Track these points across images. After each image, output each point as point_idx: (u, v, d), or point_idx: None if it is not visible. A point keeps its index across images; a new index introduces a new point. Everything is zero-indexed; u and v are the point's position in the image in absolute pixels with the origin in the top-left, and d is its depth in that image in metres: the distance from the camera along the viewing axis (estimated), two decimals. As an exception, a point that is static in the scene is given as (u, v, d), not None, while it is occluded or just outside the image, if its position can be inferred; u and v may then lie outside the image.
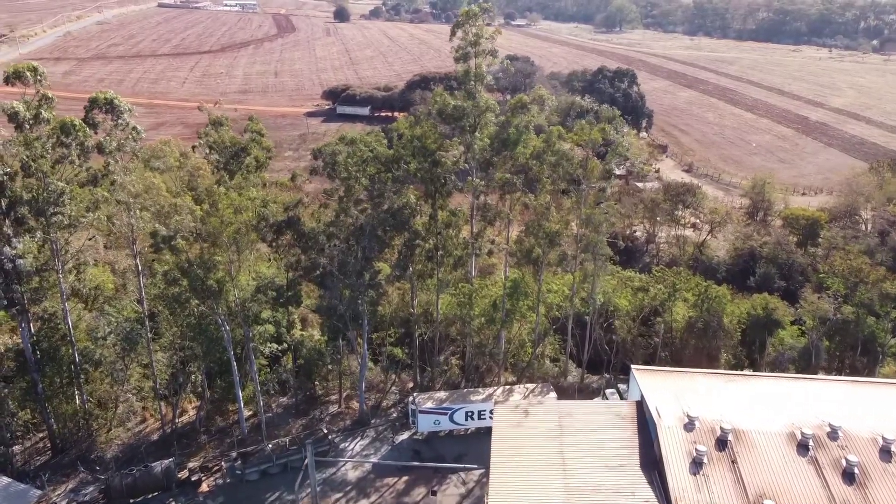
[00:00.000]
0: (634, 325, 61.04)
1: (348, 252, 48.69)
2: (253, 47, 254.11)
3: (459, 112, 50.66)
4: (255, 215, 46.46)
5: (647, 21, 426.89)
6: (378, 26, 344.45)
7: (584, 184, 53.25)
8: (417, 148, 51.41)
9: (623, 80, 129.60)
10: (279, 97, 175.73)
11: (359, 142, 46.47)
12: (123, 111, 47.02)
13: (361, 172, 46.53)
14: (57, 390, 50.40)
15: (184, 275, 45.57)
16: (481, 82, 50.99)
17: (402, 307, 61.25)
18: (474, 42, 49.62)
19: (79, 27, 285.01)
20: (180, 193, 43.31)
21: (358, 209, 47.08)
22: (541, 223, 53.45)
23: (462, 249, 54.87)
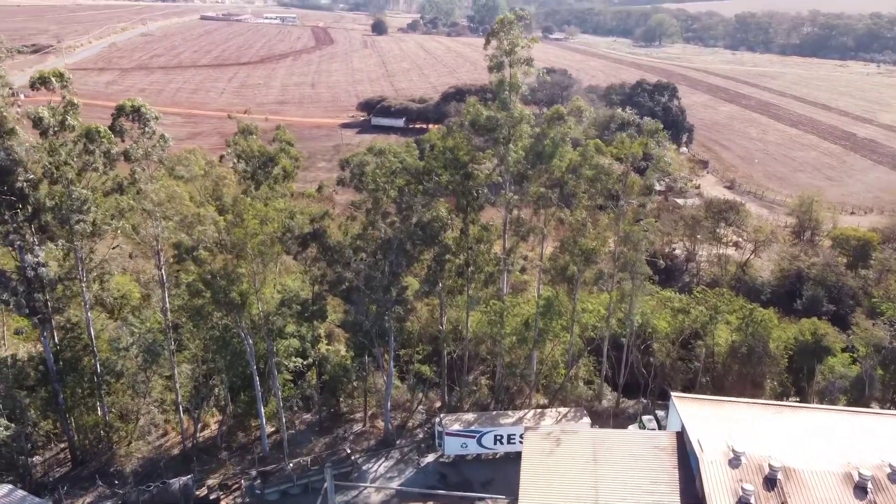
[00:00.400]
0: (674, 348, 58.18)
1: (375, 266, 47.05)
2: (291, 59, 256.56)
3: (493, 123, 48.83)
4: (280, 226, 45.16)
5: (688, 35, 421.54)
6: (415, 39, 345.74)
7: (622, 199, 50.91)
8: (449, 160, 49.72)
9: (663, 93, 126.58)
10: (315, 108, 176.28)
11: (387, 152, 44.90)
12: (150, 119, 46.18)
13: (390, 184, 44.92)
14: (78, 401, 49.54)
15: (207, 286, 44.38)
16: (516, 92, 49.12)
17: (431, 323, 59.42)
18: (509, 51, 47.82)
19: (123, 38, 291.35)
20: (204, 203, 42.15)
21: (386, 222, 45.45)
22: (576, 240, 51.23)
23: (494, 265, 52.93)
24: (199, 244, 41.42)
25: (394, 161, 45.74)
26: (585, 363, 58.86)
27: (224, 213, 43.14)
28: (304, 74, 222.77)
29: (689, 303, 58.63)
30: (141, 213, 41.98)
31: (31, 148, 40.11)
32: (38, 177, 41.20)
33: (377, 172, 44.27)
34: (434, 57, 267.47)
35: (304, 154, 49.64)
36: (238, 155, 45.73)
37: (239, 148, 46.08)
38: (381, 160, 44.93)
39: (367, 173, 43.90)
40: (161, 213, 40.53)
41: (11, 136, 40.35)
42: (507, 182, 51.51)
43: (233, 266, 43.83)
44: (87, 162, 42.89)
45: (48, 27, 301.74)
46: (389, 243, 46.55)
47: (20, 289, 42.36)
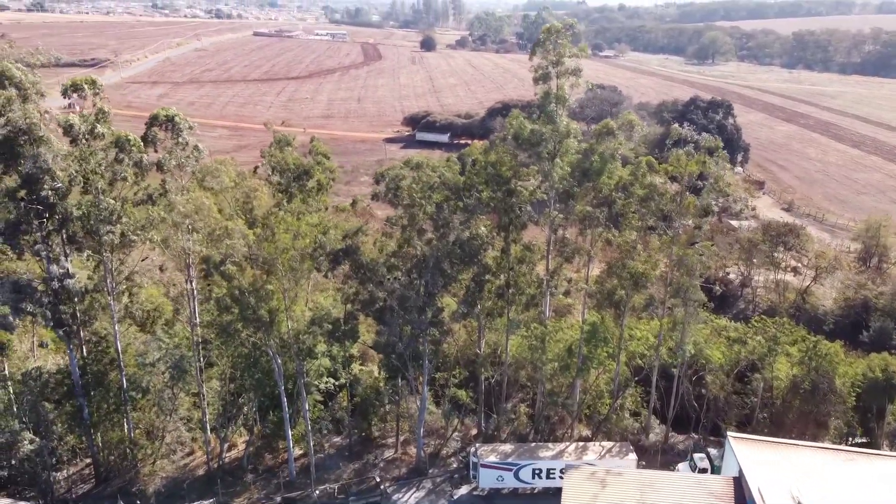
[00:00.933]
0: (728, 380, 54.13)
1: (410, 286, 44.66)
2: (339, 74, 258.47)
3: (537, 137, 46.12)
4: (312, 242, 43.18)
5: (742, 53, 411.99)
6: (463, 56, 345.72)
7: (676, 221, 47.49)
8: (491, 175, 47.17)
9: (717, 110, 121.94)
10: (360, 123, 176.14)
11: (425, 166, 42.58)
12: (183, 129, 44.98)
13: (426, 200, 42.58)
14: (103, 416, 48.21)
15: (235, 302, 42.62)
16: (563, 105, 46.37)
17: (469, 346, 56.70)
18: (556, 61, 45.16)
19: (177, 53, 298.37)
20: (233, 216, 40.45)
21: (422, 239, 43.04)
22: (625, 263, 47.99)
23: (536, 288, 49.99)
24: (227, 258, 39.66)
25: (431, 175, 43.43)
26: (632, 394, 55.20)
27: (254, 227, 41.33)
28: (350, 89, 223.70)
29: (745, 332, 54.55)
30: (171, 225, 40.43)
31: (59, 156, 38.98)
32: (66, 186, 40.07)
33: (413, 187, 42.01)
34: (481, 73, 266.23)
35: (345, 168, 47.76)
36: (272, 167, 43.98)
37: (274, 160, 44.33)
38: (417, 174, 42.66)
39: (403, 188, 41.67)
40: (189, 225, 38.86)
41: (41, 143, 39.37)
42: (552, 200, 48.69)
43: (262, 282, 42.01)
44: (117, 171, 41.68)
45: (108, 42, 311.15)
46: (425, 262, 44.14)
47: (45, 300, 41.20)
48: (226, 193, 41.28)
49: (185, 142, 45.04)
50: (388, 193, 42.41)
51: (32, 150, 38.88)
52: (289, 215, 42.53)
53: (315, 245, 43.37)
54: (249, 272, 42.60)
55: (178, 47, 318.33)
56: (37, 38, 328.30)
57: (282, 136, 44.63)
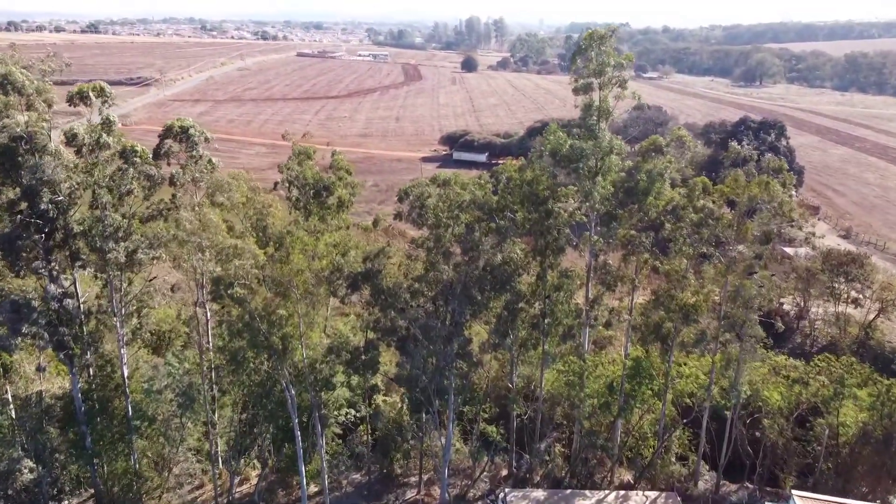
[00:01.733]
0: (788, 425, 48.69)
1: (435, 314, 40.80)
2: (378, 93, 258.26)
3: (577, 153, 42.07)
4: (329, 264, 39.74)
5: (792, 76, 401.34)
6: (504, 76, 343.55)
7: (731, 248, 42.79)
8: (526, 195, 43.26)
9: (769, 131, 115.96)
10: (397, 141, 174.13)
11: (453, 183, 38.86)
12: (198, 141, 42.22)
13: (454, 220, 38.80)
14: (107, 445, 45.22)
15: (245, 328, 39.32)
16: (605, 118, 42.29)
17: (500, 378, 52.52)
18: (598, 70, 41.15)
19: (221, 72, 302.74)
20: (244, 234, 37.26)
21: (449, 263, 39.20)
22: (674, 293, 43.41)
23: (574, 318, 45.66)
24: (235, 280, 36.42)
25: (460, 194, 39.66)
26: (679, 437, 50.18)
27: (268, 246, 38.07)
28: (389, 108, 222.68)
29: (808, 372, 49.21)
30: (177, 244, 37.45)
31: (61, 167, 36.37)
32: (67, 199, 37.43)
33: (440, 206, 38.28)
34: (522, 93, 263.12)
35: (380, 187, 44.41)
36: (289, 182, 40.80)
37: (292, 174, 41.18)
38: (445, 192, 38.94)
39: (429, 207, 37.96)
40: (195, 243, 35.76)
41: (44, 153, 36.86)
42: (593, 222, 44.52)
43: (274, 306, 38.64)
44: (122, 184, 38.94)
45: (154, 62, 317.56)
46: (452, 288, 40.25)
47: (42, 321, 38.46)
48: (238, 210, 38.06)
49: (199, 155, 42.31)
50: (412, 213, 38.73)
51: (33, 161, 36.36)
52: (305, 234, 39.16)
53: (333, 267, 39.91)
54: (262, 295, 39.33)
55: (221, 66, 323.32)
56: (88, 57, 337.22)
57: (300, 148, 41.44)
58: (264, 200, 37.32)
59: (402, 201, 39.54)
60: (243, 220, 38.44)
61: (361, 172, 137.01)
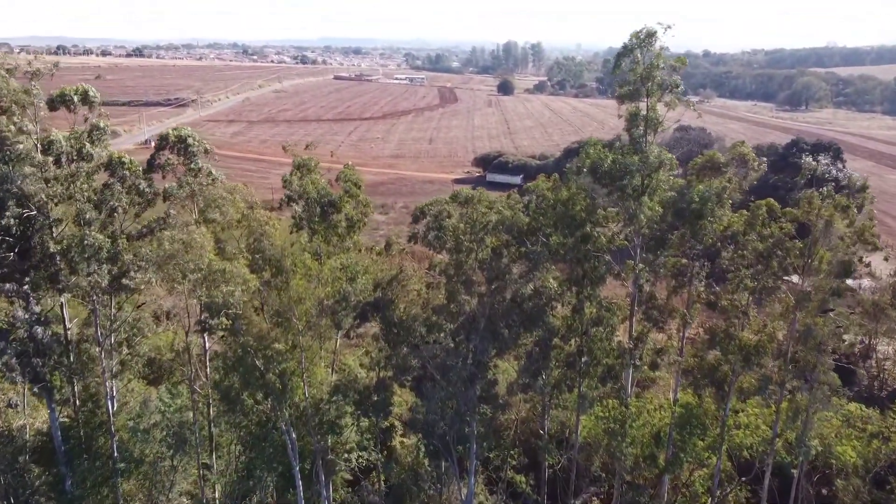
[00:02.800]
0: (864, 486, 41.97)
1: (455, 351, 35.54)
2: (413, 115, 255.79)
3: (620, 169, 36.69)
4: (334, 292, 34.89)
5: (839, 100, 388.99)
6: (541, 99, 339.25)
7: (803, 280, 36.75)
8: (561, 216, 37.96)
9: (824, 154, 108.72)
10: (430, 163, 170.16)
11: (476, 202, 33.77)
12: (197, 152, 37.99)
13: (478, 244, 33.65)
14: (89, 490, 40.66)
15: (238, 363, 34.62)
16: (654, 130, 36.92)
17: (531, 421, 46.98)
18: (646, 75, 35.87)
19: (257, 94, 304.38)
20: (236, 255, 32.67)
21: (471, 294, 33.98)
22: (732, 331, 37.46)
23: (615, 357, 39.93)
24: (224, 308, 31.79)
25: (486, 214, 34.54)
26: (736, 496, 43.76)
27: (262, 270, 33.40)
28: (423, 130, 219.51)
29: (890, 425, 42.55)
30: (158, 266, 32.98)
31: (32, 177, 32.28)
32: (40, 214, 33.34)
33: (461, 227, 33.17)
34: (559, 116, 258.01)
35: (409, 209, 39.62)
36: (289, 198, 36.20)
37: (294, 188, 36.60)
38: (467, 211, 33.84)
39: (447, 227, 32.90)
40: (176, 266, 31.24)
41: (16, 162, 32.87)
42: (638, 248, 38.92)
43: (270, 339, 33.87)
44: (107, 200, 34.75)
45: (194, 84, 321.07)
46: (474, 322, 35.00)
47: (10, 351, 34.24)
48: (232, 228, 33.49)
49: (198, 167, 38.05)
50: (429, 234, 33.70)
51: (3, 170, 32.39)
52: (308, 256, 34.40)
53: (339, 295, 35.04)
54: (257, 324, 34.63)
55: (259, 89, 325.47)
56: (129, 79, 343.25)
57: (301, 160, 36.91)
58: (261, 217, 32.58)
59: (418, 221, 34.56)
60: (240, 239, 33.74)
61: (392, 194, 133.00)
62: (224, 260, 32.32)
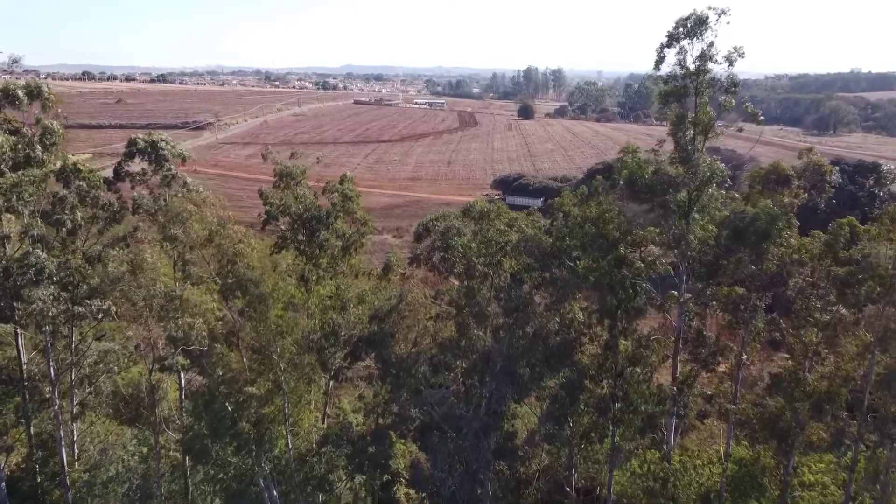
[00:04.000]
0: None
1: (466, 396, 29.61)
2: (431, 138, 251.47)
3: (664, 181, 30.95)
4: (323, 324, 29.26)
5: (868, 124, 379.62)
6: (562, 123, 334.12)
7: (883, 311, 30.39)
8: (591, 236, 32.17)
9: (868, 176, 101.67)
10: (448, 185, 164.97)
11: (492, 217, 28.05)
12: (168, 158, 32.92)
13: (494, 268, 27.87)
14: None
15: (205, 409, 28.99)
16: (704, 135, 31.16)
17: (555, 473, 40.66)
18: (699, 69, 30.19)
19: (276, 117, 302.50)
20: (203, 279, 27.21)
21: (485, 328, 28.12)
22: (800, 375, 31.16)
23: (656, 403, 33.67)
24: (180, 344, 26.24)
25: (503, 232, 28.79)
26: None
27: (236, 297, 27.89)
28: (441, 152, 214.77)
29: None
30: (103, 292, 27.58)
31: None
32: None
33: (473, 247, 27.44)
34: (581, 139, 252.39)
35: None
36: (269, 214, 30.79)
37: (272, 202, 31.22)
38: (482, 228, 28.11)
39: (457, 247, 27.18)
40: (121, 292, 25.82)
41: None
42: (684, 275, 32.96)
43: (242, 381, 28.22)
44: (57, 214, 29.59)
45: (213, 107, 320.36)
46: (489, 361, 29.08)
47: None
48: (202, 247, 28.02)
49: (170, 175, 32.95)
50: (434, 255, 27.99)
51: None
52: (291, 281, 28.83)
53: (327, 328, 29.37)
54: (228, 362, 29.05)
55: (277, 112, 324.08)
56: (150, 102, 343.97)
57: (283, 168, 31.55)
58: (234, 235, 27.13)
59: (422, 239, 28.90)
60: (209, 260, 28.28)
61: (407, 217, 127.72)
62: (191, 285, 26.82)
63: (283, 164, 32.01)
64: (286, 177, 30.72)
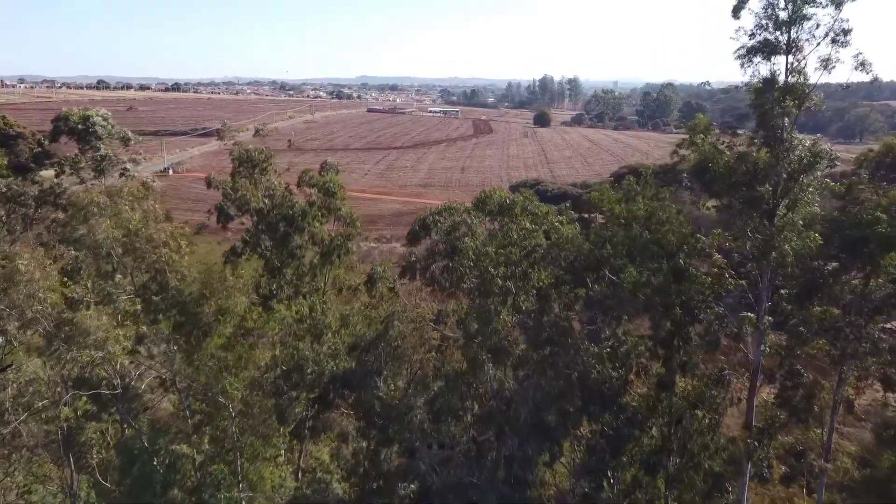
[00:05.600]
0: None
1: (477, 457, 21.85)
2: (445, 145, 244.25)
3: (747, 169, 23.24)
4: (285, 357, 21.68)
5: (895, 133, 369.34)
6: (579, 131, 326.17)
7: None
8: (641, 242, 24.57)
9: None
10: (461, 192, 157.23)
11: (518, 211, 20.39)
12: (103, 135, 25.67)
13: (520, 280, 20.20)
14: None
15: (125, 471, 21.49)
16: (798, 106, 23.45)
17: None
18: (792, 15, 22.51)
19: (287, 125, 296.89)
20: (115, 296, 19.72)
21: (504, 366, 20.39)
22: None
23: (723, 459, 25.89)
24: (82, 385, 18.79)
25: (531, 233, 21.11)
26: None
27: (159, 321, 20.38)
28: (455, 159, 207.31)
29: None
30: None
31: None
32: None
33: (489, 253, 19.79)
34: (599, 146, 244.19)
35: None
36: (221, 210, 23.30)
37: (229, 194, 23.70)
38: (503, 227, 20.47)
39: (466, 252, 19.55)
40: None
41: None
42: (765, 293, 25.14)
43: (170, 434, 20.71)
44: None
45: (225, 115, 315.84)
46: (509, 409, 21.33)
47: None
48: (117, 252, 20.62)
49: (101, 156, 25.66)
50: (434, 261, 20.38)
51: None
52: (241, 300, 21.29)
53: (291, 363, 21.77)
54: (167, 406, 21.55)
55: (289, 119, 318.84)
56: (161, 110, 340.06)
57: (242, 153, 24.12)
58: (160, 236, 19.69)
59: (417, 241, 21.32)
60: (131, 271, 20.80)
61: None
62: (93, 304, 19.34)
63: (241, 148, 24.52)
64: (246, 163, 23.20)
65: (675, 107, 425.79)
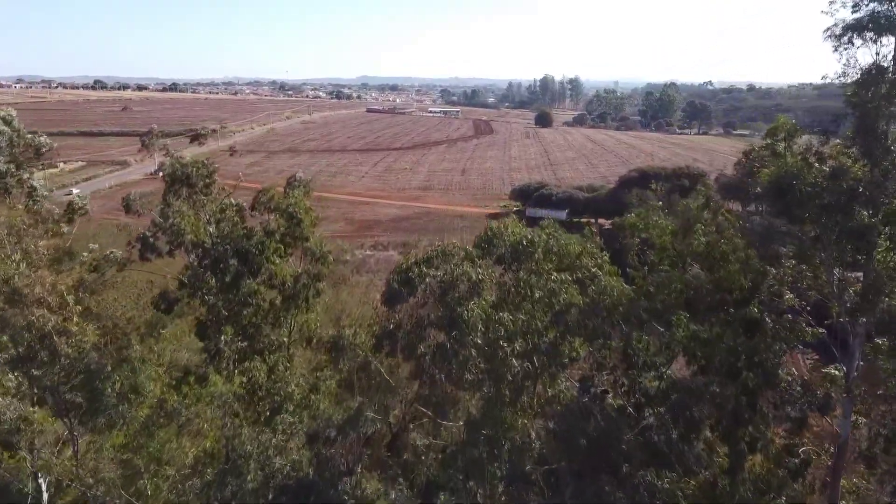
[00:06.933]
0: None
1: None
2: (445, 146, 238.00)
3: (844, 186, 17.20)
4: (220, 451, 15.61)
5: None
6: (581, 132, 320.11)
7: None
8: (698, 287, 18.56)
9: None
10: (462, 195, 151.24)
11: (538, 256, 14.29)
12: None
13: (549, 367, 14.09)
14: None
15: None
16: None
17: None
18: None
19: (284, 125, 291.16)
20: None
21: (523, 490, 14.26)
22: None
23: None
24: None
25: (563, 284, 15.00)
26: None
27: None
28: (455, 161, 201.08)
29: None
30: None
31: None
32: None
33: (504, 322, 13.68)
34: (603, 148, 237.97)
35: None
36: (143, 241, 17.23)
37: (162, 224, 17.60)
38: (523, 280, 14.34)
39: (470, 325, 13.43)
40: None
41: None
42: (857, 349, 19.19)
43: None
44: None
45: (222, 115, 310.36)
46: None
47: None
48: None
49: None
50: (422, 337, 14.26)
51: None
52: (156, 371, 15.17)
53: (226, 464, 15.66)
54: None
55: (286, 120, 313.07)
56: (157, 110, 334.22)
57: (177, 166, 18.10)
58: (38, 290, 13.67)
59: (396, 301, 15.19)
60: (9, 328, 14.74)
61: (416, 230, 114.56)
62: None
63: (175, 159, 18.53)
64: (179, 183, 17.09)
65: (677, 107, 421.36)
